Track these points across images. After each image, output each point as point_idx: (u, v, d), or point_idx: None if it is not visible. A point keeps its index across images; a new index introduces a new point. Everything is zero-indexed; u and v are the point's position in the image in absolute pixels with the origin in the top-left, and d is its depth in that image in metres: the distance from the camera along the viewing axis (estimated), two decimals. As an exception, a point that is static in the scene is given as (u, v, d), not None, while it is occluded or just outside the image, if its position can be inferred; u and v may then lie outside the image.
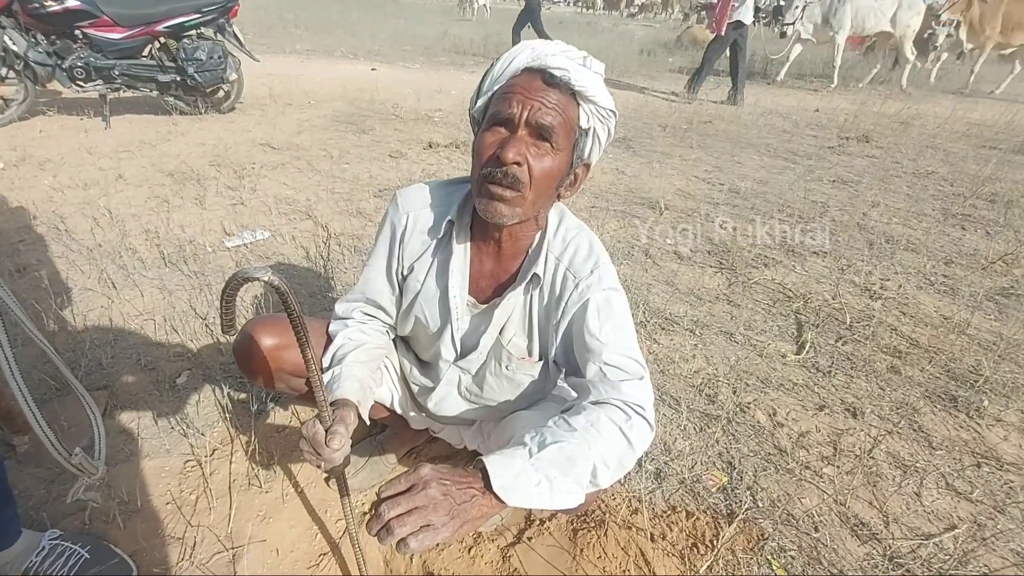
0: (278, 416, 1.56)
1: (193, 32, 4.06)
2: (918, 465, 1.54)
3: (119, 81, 3.93)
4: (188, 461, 1.40)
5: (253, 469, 1.39)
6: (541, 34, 9.20)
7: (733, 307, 2.27)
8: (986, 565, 1.26)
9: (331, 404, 0.89)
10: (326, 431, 0.83)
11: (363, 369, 0.99)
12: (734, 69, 6.67)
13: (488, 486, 0.70)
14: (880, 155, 4.77)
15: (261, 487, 1.35)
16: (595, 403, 0.85)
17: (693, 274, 2.53)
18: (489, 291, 1.01)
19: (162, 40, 4.00)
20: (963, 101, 8.07)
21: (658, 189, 3.57)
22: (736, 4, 6.15)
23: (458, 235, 0.98)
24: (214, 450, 1.43)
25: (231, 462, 1.41)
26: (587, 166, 0.94)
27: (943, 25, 8.75)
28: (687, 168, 4.12)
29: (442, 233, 0.98)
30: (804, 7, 7.87)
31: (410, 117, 4.94)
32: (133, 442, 1.44)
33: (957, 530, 1.35)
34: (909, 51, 8.30)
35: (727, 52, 6.65)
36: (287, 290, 0.70)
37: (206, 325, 1.93)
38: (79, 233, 2.45)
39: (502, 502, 0.70)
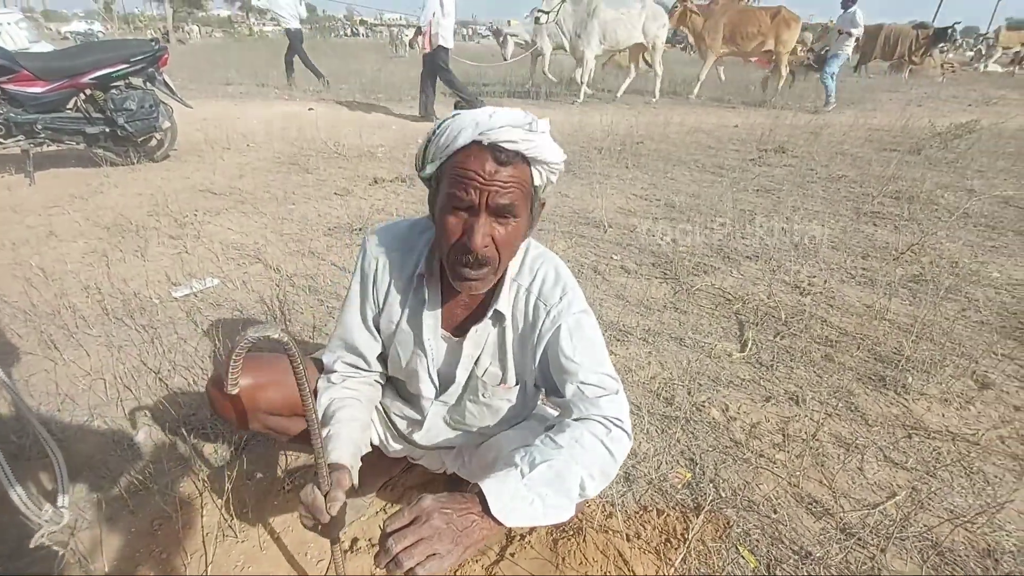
0: (248, 463, 1.54)
1: (121, 82, 3.97)
2: (858, 442, 1.69)
3: (43, 135, 3.79)
4: (156, 519, 1.36)
5: (226, 519, 1.36)
6: (307, 65, 9.05)
7: (680, 314, 2.41)
8: (925, 524, 1.40)
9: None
10: (324, 496, 0.85)
11: (355, 428, 1.02)
12: (451, 89, 6.87)
13: (486, 510, 0.75)
14: (796, 163, 5.17)
15: (236, 537, 1.33)
16: (577, 420, 0.92)
17: (640, 286, 2.66)
18: (464, 323, 1.05)
19: (88, 92, 3.89)
20: (863, 110, 8.85)
21: (600, 208, 3.74)
22: (434, 29, 6.40)
23: (428, 281, 1.02)
24: (183, 504, 1.40)
25: (202, 515, 1.38)
26: (543, 204, 0.99)
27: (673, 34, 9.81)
28: (625, 187, 4.33)
29: (413, 278, 1.03)
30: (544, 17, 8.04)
31: (353, 154, 4.97)
32: (93, 508, 1.39)
33: (897, 497, 1.48)
34: (659, 63, 8.83)
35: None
36: (296, 350, 0.70)
37: (159, 379, 1.87)
38: (11, 295, 2.33)
39: (501, 524, 0.75)
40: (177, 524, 1.34)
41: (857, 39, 9.58)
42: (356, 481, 0.98)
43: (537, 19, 8.06)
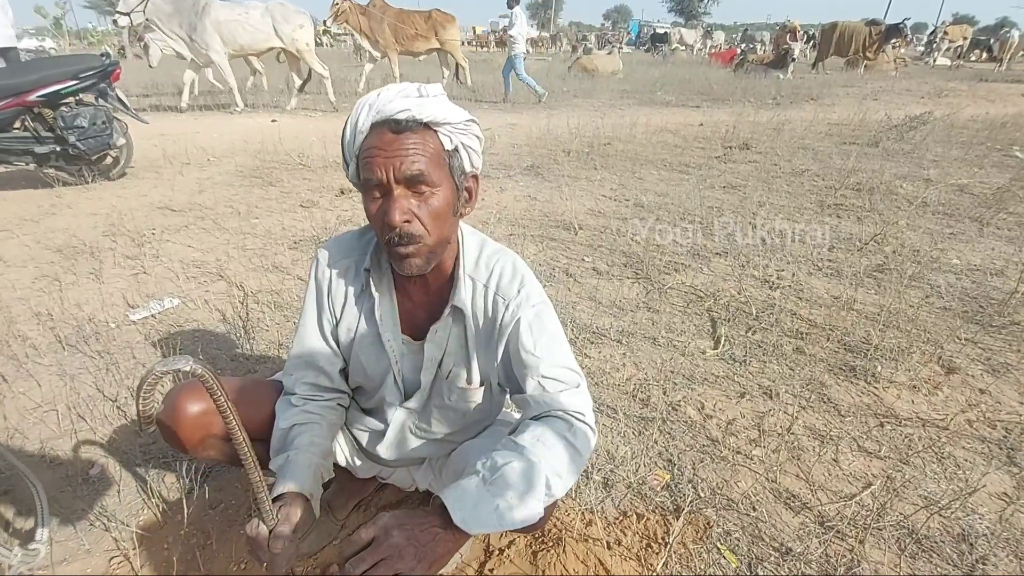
0: (211, 491, 1.47)
1: (71, 99, 3.83)
2: (832, 434, 1.70)
3: (-13, 157, 3.62)
4: (113, 557, 1.29)
5: (188, 553, 1.29)
6: None
7: (653, 313, 2.41)
8: (901, 512, 1.41)
9: (280, 497, 0.87)
10: (270, 532, 0.81)
11: (314, 454, 0.96)
12: None
13: (449, 521, 0.72)
14: (760, 159, 5.26)
15: (200, 569, 1.26)
16: (538, 417, 0.89)
17: (612, 287, 2.66)
18: (424, 325, 1.02)
19: (36, 110, 3.73)
20: (822, 105, 9.09)
21: (570, 211, 3.73)
22: None
23: (378, 281, 0.99)
24: (143, 539, 1.33)
25: (164, 549, 1.31)
26: (475, 177, 0.95)
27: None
28: (594, 188, 4.34)
29: (363, 282, 1.00)
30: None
31: (318, 165, 4.88)
32: (45, 548, 1.30)
33: (873, 486, 1.49)
34: (318, 66, 8.20)
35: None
36: (215, 382, 0.66)
37: (117, 407, 1.79)
38: (-46, 327, 2.21)
39: (465, 533, 0.72)
40: (136, 561, 1.27)
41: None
42: (317, 509, 0.94)
43: (115, 21, 7.07)
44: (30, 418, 1.73)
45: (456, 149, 0.88)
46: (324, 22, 9.50)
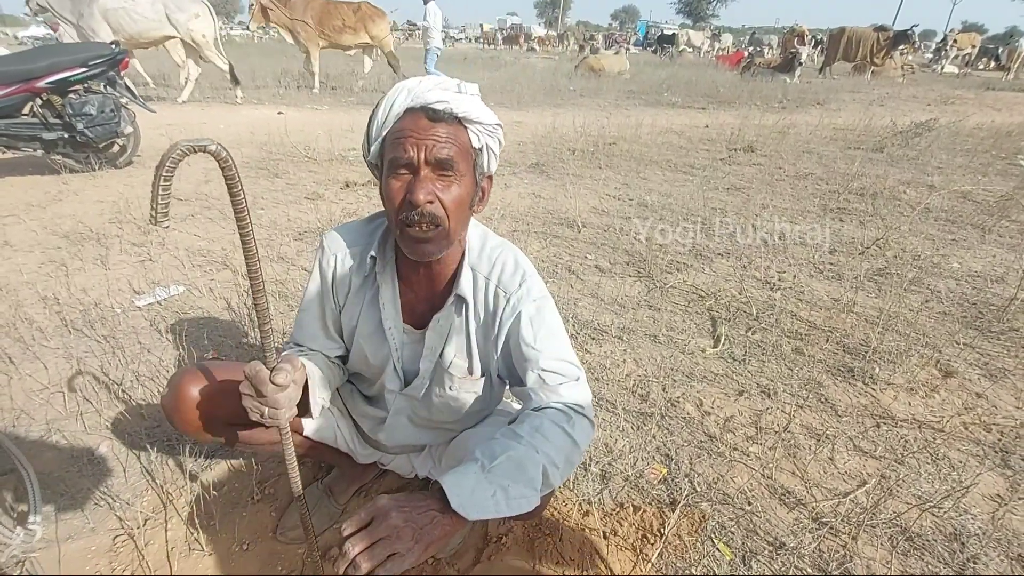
0: (214, 474, 1.49)
1: (80, 86, 3.85)
2: (828, 433, 1.71)
3: (-4, 142, 3.64)
4: (118, 536, 1.31)
5: (192, 533, 1.32)
6: None
7: (654, 311, 2.43)
8: (894, 510, 1.42)
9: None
10: (271, 371, 0.80)
11: (319, 373, 1.00)
12: None
13: (447, 505, 0.73)
14: (765, 162, 5.27)
15: (203, 550, 1.28)
16: (538, 409, 0.91)
17: (615, 284, 2.67)
18: (426, 315, 1.04)
19: (44, 96, 3.75)
20: (828, 110, 9.08)
21: (574, 209, 3.75)
22: None
23: (383, 269, 1.01)
24: (146, 520, 1.35)
25: (167, 529, 1.33)
26: (490, 178, 0.98)
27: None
28: (598, 187, 4.36)
29: (368, 270, 1.01)
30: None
31: (324, 158, 4.90)
32: (50, 525, 1.33)
33: (867, 485, 1.51)
34: (218, 59, 7.76)
35: None
36: (232, 163, 0.65)
37: (122, 390, 1.81)
38: (-38, 309, 2.23)
39: (463, 518, 0.73)
40: (140, 540, 1.29)
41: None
42: (316, 410, 0.97)
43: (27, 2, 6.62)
44: (36, 400, 1.75)
45: (481, 149, 0.91)
46: (248, 26, 9.36)
